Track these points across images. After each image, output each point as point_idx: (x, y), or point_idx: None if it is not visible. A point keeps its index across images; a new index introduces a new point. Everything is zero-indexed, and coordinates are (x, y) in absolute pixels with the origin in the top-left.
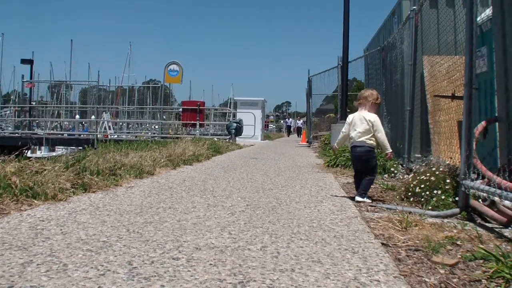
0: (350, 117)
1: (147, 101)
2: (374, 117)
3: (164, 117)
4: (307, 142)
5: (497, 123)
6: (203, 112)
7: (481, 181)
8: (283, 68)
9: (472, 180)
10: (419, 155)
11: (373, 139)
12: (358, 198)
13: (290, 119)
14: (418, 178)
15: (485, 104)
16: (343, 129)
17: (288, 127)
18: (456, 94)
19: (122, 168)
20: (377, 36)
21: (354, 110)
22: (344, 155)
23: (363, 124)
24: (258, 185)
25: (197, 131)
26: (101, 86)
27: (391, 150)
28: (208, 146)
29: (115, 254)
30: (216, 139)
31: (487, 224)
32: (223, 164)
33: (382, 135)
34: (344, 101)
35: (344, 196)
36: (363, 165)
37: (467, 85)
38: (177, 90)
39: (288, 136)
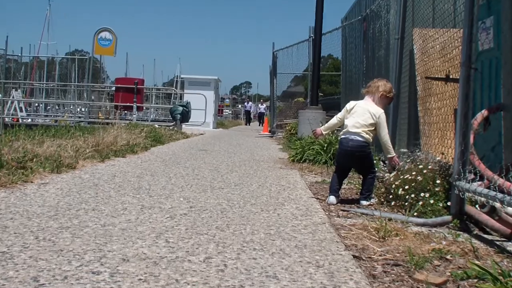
0: (351, 103)
1: (71, 77)
2: (380, 112)
3: (93, 97)
4: (270, 131)
5: (501, 112)
6: (142, 93)
7: (479, 182)
8: (243, 41)
9: (468, 181)
10: (406, 150)
11: (371, 134)
12: (364, 202)
13: (250, 103)
14: (401, 177)
15: (489, 89)
16: (339, 115)
17: (247, 113)
18: (451, 76)
19: (35, 160)
20: (358, 2)
21: (327, 93)
22: (313, 148)
23: (366, 115)
24: (206, 183)
25: (134, 115)
26: (10, 55)
27: (395, 154)
28: (146, 134)
29: (16, 268)
30: (157, 126)
31: (485, 236)
32: (164, 157)
33: (386, 135)
34: (316, 83)
35: (311, 197)
36: (355, 163)
37: (465, 64)
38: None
39: (247, 124)
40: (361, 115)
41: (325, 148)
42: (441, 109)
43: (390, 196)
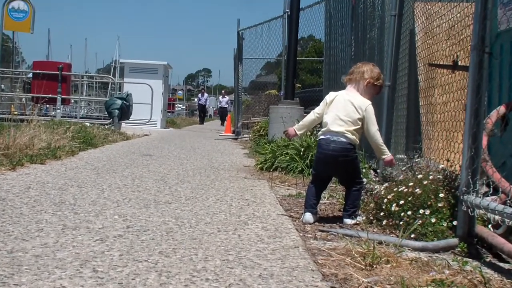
0: (331, 94)
1: None
2: (367, 104)
3: (3, 86)
4: (233, 132)
5: None
6: (69, 81)
7: (493, 197)
8: (200, 18)
9: (480, 195)
10: (404, 156)
11: (357, 133)
12: (348, 221)
13: (206, 95)
14: (396, 190)
15: (509, 80)
16: (317, 109)
17: (202, 108)
18: (460, 63)
19: None
20: None
21: (307, 83)
22: (286, 153)
23: (349, 109)
24: (148, 197)
25: (58, 110)
26: None
27: (390, 154)
28: (74, 134)
29: None
30: (88, 124)
31: (500, 264)
32: (97, 164)
33: (376, 132)
34: (292, 71)
35: (282, 215)
36: (337, 171)
37: (476, 47)
38: (27, 44)
39: (202, 122)
40: (343, 109)
41: (301, 153)
42: (447, 105)
43: (381, 214)
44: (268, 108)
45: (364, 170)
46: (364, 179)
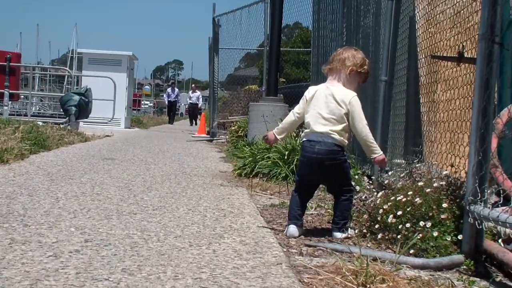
0: (310, 90)
1: None
2: (351, 97)
3: None
4: (208, 133)
5: None
6: (18, 74)
7: (504, 208)
8: (172, 3)
9: (489, 206)
10: (402, 161)
11: (345, 134)
12: (338, 235)
13: (177, 90)
14: (393, 199)
15: None
16: (296, 108)
17: (171, 105)
18: (466, 54)
19: None
20: None
21: (292, 78)
22: (268, 157)
23: (331, 105)
24: (110, 207)
25: (6, 107)
26: None
27: (381, 153)
28: (24, 135)
29: None
30: (41, 123)
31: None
32: (51, 169)
33: (364, 126)
34: (275, 63)
35: (263, 227)
36: (324, 177)
37: (484, 37)
38: None
39: (172, 122)
40: (325, 106)
41: (285, 157)
42: (452, 102)
43: (376, 226)
44: (247, 105)
45: (356, 177)
46: (357, 187)
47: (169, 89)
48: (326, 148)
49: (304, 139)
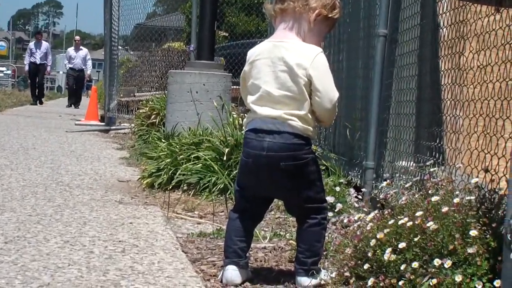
0: (253, 52)
1: None
2: (314, 54)
3: None
4: (102, 119)
5: None
6: None
7: None
8: None
9: None
10: (409, 164)
11: (309, 117)
12: (305, 281)
13: (46, 44)
14: (392, 223)
15: None
16: (242, 86)
17: (35, 71)
18: None
19: None
20: None
21: (240, 31)
22: (197, 157)
23: (282, 74)
24: None
25: None
26: None
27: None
28: None
29: None
30: None
31: None
32: None
33: (331, 103)
34: (211, 7)
35: (185, 270)
36: (280, 187)
37: None
38: None
39: (38, 101)
40: (273, 76)
41: (224, 157)
42: (488, 70)
43: (365, 266)
44: (165, 75)
45: (337, 189)
46: (338, 204)
47: (31, 44)
48: (281, 141)
49: (248, 128)
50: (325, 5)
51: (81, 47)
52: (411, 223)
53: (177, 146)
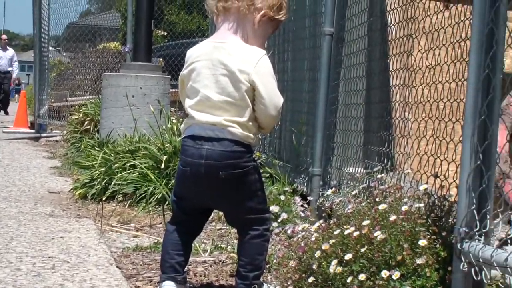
0: (192, 52)
1: None
2: (258, 58)
3: None
4: (32, 126)
5: None
6: None
7: None
8: None
9: (492, 242)
10: (357, 170)
11: (252, 124)
12: None
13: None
14: (338, 233)
15: None
16: (180, 90)
17: None
18: None
19: None
20: None
21: (180, 30)
22: (133, 166)
23: (223, 79)
24: None
25: None
26: None
27: None
28: None
29: None
30: None
31: None
32: None
33: (276, 110)
34: (148, 5)
35: (118, 287)
36: (220, 197)
37: None
38: None
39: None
40: (213, 80)
41: (162, 166)
42: (437, 70)
43: (310, 279)
44: (99, 78)
45: (282, 197)
46: (283, 213)
47: None
48: (221, 149)
49: (184, 135)
50: (271, 5)
51: (7, 47)
52: (357, 233)
53: (112, 154)
